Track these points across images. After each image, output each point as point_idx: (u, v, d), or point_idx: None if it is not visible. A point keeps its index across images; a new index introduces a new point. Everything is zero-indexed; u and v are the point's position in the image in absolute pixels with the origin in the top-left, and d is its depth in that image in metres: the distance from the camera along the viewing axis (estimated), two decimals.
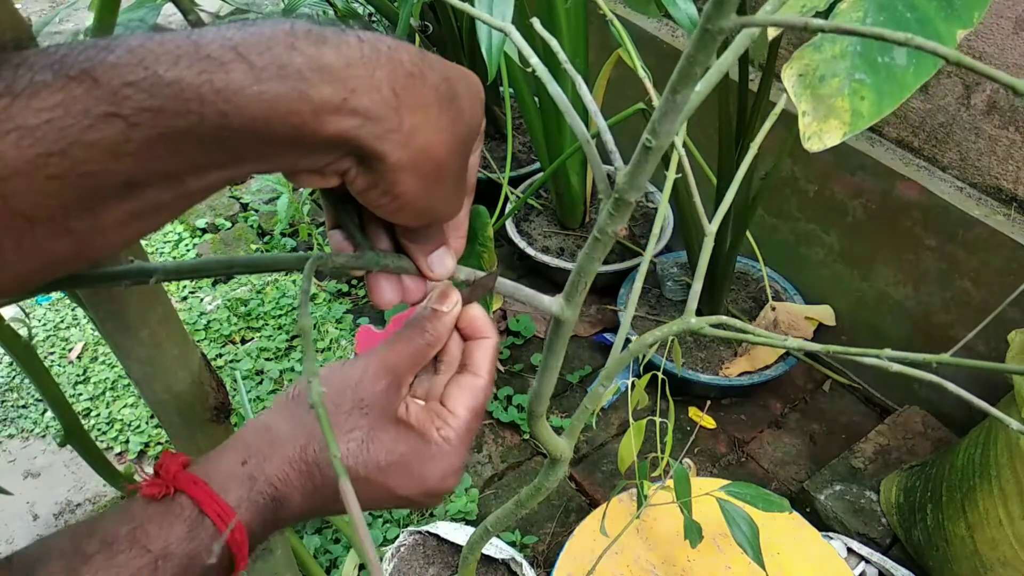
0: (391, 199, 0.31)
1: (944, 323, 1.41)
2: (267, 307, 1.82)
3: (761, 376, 1.49)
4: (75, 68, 0.23)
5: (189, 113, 0.24)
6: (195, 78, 0.24)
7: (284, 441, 0.37)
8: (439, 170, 0.31)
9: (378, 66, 0.28)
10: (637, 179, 0.30)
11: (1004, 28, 1.20)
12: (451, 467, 0.39)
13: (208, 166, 0.26)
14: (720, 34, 0.22)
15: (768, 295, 1.59)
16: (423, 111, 0.29)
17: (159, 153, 0.24)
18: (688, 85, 0.24)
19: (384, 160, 0.29)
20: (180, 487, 0.34)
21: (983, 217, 1.28)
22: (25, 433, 1.60)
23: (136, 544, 0.32)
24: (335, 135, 0.27)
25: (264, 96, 0.25)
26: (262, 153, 0.27)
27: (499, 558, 1.18)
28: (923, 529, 1.21)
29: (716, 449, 1.50)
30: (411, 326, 0.40)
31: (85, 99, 0.23)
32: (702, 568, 1.09)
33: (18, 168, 0.22)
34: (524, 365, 1.65)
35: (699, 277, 0.41)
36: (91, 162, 0.23)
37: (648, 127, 0.27)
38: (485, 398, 0.42)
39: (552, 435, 0.50)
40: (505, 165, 1.61)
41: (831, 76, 0.50)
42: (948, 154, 1.35)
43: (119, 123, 0.23)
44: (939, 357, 0.28)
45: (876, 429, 1.43)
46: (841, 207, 1.48)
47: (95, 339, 1.77)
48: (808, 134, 0.51)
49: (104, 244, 0.26)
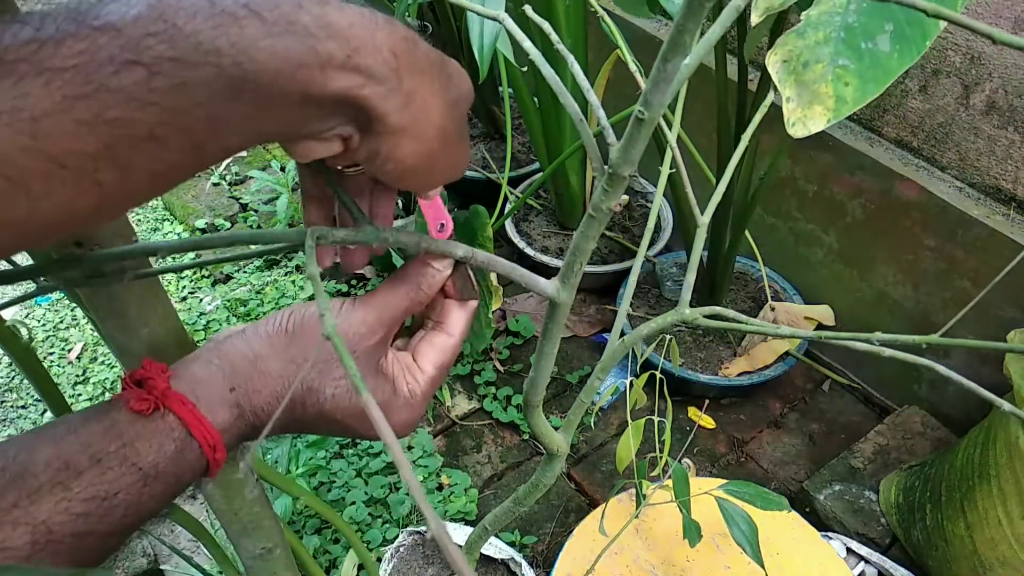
0: (394, 163, 0.32)
1: (943, 323, 1.41)
2: (267, 307, 1.82)
3: (760, 376, 1.49)
4: (99, 20, 0.24)
5: (207, 64, 0.25)
6: (211, 31, 0.25)
7: (274, 377, 0.38)
8: (439, 132, 0.32)
9: (377, 29, 0.29)
10: (630, 152, 0.30)
11: (1003, 28, 1.20)
12: (411, 419, 0.42)
13: (223, 124, 0.27)
14: (708, 0, 0.22)
15: (767, 295, 1.59)
16: (420, 74, 0.30)
17: (180, 104, 0.25)
18: (678, 54, 0.24)
19: (385, 121, 0.30)
20: (169, 406, 0.35)
21: (982, 217, 1.28)
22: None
23: (126, 462, 0.33)
24: (340, 92, 0.28)
25: (275, 49, 0.26)
26: (273, 112, 0.28)
27: (498, 558, 1.18)
28: (922, 529, 1.21)
29: (715, 449, 1.50)
30: (407, 280, 0.42)
31: (109, 47, 0.24)
32: (701, 568, 1.09)
33: (47, 110, 0.23)
34: (524, 365, 1.65)
35: (692, 268, 0.41)
36: (116, 108, 0.24)
37: (640, 99, 0.27)
38: (453, 356, 0.44)
39: (549, 428, 0.50)
40: (504, 165, 1.61)
41: (815, 62, 0.50)
42: (947, 154, 1.35)
43: (141, 71, 0.24)
44: (928, 338, 0.28)
45: (875, 429, 1.43)
46: (840, 207, 1.48)
47: (95, 339, 1.77)
48: (792, 120, 0.51)
49: (127, 200, 0.27)
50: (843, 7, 0.50)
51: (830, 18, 0.50)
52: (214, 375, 0.37)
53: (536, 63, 0.39)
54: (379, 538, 1.34)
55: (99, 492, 0.33)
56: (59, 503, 0.32)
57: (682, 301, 0.39)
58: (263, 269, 1.89)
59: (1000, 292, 1.30)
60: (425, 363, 0.43)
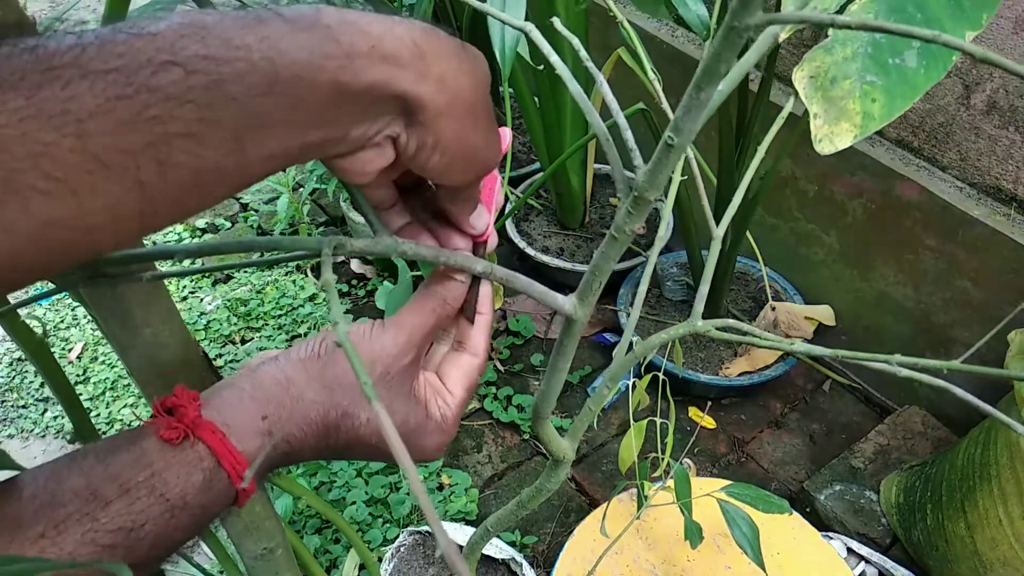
0: (441, 152, 0.33)
1: (944, 323, 1.41)
2: (267, 307, 1.82)
3: (761, 376, 1.49)
4: (135, 28, 0.26)
5: (238, 60, 0.26)
6: (239, 31, 0.27)
7: (306, 404, 0.37)
8: (473, 112, 0.33)
9: (396, 23, 0.30)
10: (657, 177, 0.30)
11: (1004, 28, 1.20)
12: (443, 442, 0.42)
13: (260, 120, 0.28)
14: (746, 31, 0.22)
15: (768, 295, 1.59)
16: (445, 58, 0.31)
17: (215, 100, 0.26)
18: (713, 83, 0.24)
19: (424, 107, 0.31)
20: (199, 435, 0.34)
21: (983, 217, 1.28)
22: (25, 433, 1.60)
23: (154, 492, 0.33)
24: (372, 83, 0.29)
25: (301, 42, 0.28)
26: (310, 109, 0.29)
27: (499, 558, 1.18)
28: (923, 529, 1.21)
29: (716, 449, 1.50)
30: (432, 296, 0.41)
31: (147, 50, 0.25)
32: (702, 568, 1.09)
33: (92, 111, 0.24)
34: (524, 365, 1.65)
35: (706, 279, 0.40)
36: (156, 107, 0.25)
37: (671, 125, 0.27)
38: (480, 376, 0.44)
39: (556, 436, 0.50)
40: (505, 165, 1.61)
41: (842, 78, 0.50)
42: (948, 154, 1.35)
43: (178, 70, 0.26)
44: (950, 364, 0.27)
45: (876, 429, 1.43)
46: (841, 207, 1.48)
47: (95, 339, 1.77)
48: (819, 136, 0.51)
49: (169, 206, 0.28)
50: None
51: (858, 33, 0.50)
52: (245, 403, 0.37)
53: (564, 79, 0.39)
54: (380, 538, 1.34)
55: (126, 523, 0.32)
56: (86, 534, 0.31)
57: (695, 312, 0.39)
58: (263, 269, 1.90)
59: (1000, 292, 1.30)
60: (454, 386, 0.43)
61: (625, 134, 0.37)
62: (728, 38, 0.22)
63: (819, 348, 0.32)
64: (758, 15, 0.21)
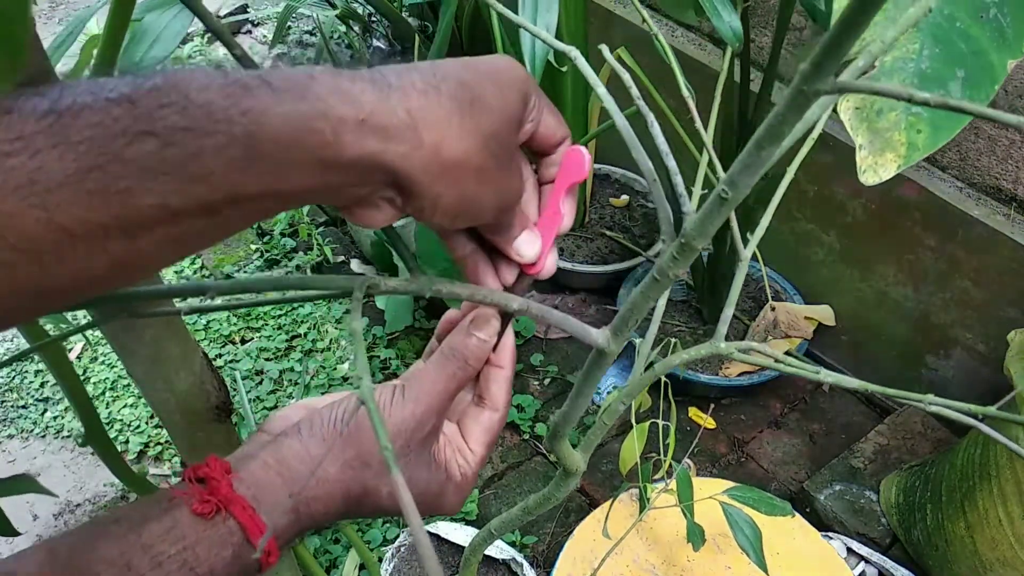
0: (442, 214, 0.32)
1: (944, 323, 1.41)
2: (267, 307, 1.81)
3: (761, 376, 1.49)
4: (115, 92, 0.25)
5: (218, 133, 0.26)
6: (224, 100, 0.26)
7: (331, 482, 0.38)
8: (477, 171, 0.32)
9: (391, 92, 0.29)
10: (707, 227, 0.29)
11: None
12: (462, 500, 0.43)
13: (240, 195, 0.27)
14: (815, 96, 0.21)
15: (768, 295, 1.59)
16: (442, 125, 0.30)
17: (192, 173, 0.26)
18: (776, 143, 0.24)
19: (415, 179, 0.30)
20: (231, 511, 0.35)
21: (983, 217, 1.28)
22: (25, 433, 1.60)
23: (185, 566, 0.33)
24: (359, 156, 0.28)
25: (287, 115, 0.27)
26: (291, 179, 0.28)
27: (500, 558, 1.18)
28: (923, 529, 1.21)
29: (716, 449, 1.50)
30: (452, 358, 0.41)
31: (124, 119, 0.25)
32: (702, 568, 1.09)
33: (61, 182, 0.24)
34: (524, 365, 1.65)
35: (731, 303, 0.40)
36: (128, 178, 0.25)
37: (725, 179, 0.26)
38: (500, 430, 0.44)
39: (570, 451, 0.50)
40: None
41: (888, 110, 0.50)
42: (948, 154, 1.35)
43: (154, 141, 0.25)
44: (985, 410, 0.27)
45: (876, 429, 1.43)
46: (841, 207, 1.48)
47: (95, 339, 1.77)
48: (864, 167, 0.51)
49: (141, 267, 0.27)
50: (916, 53, 0.50)
51: (904, 64, 0.50)
52: (274, 480, 0.37)
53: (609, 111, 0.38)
54: (380, 538, 1.34)
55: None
56: None
57: (718, 334, 0.38)
58: (263, 269, 1.89)
59: (1000, 292, 1.30)
60: (475, 444, 0.43)
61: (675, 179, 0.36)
62: (795, 101, 0.22)
63: (848, 379, 0.32)
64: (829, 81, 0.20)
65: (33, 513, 1.47)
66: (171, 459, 1.56)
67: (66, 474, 1.53)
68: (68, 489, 1.51)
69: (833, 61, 0.20)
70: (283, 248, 1.94)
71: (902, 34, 0.23)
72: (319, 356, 1.70)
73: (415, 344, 1.71)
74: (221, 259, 1.90)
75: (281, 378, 1.67)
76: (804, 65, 0.21)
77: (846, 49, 0.19)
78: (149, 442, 1.57)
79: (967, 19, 0.50)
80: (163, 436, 1.58)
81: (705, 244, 0.30)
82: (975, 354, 1.38)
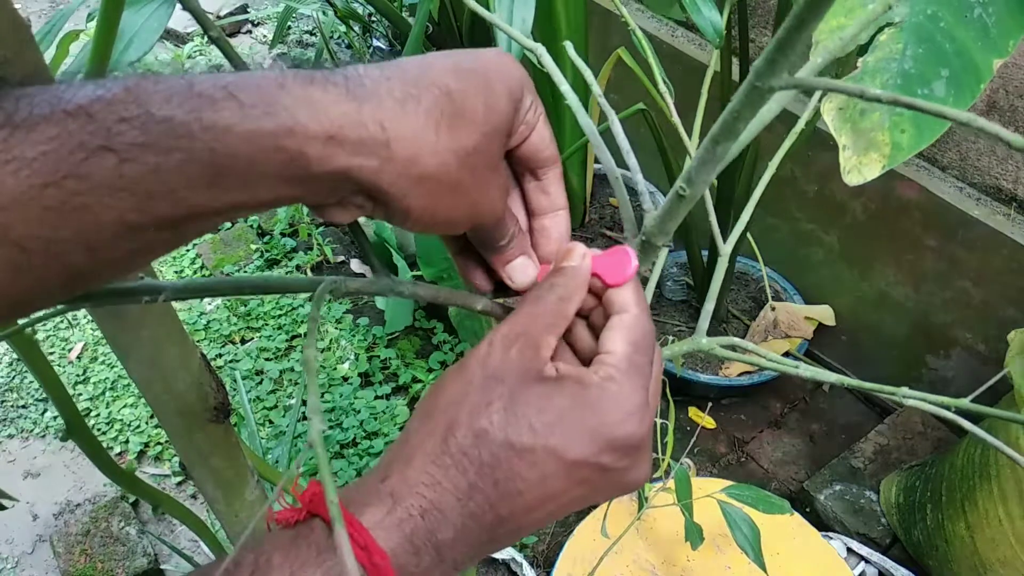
0: (413, 221, 0.31)
1: (944, 323, 1.41)
2: (267, 307, 1.81)
3: (761, 376, 1.49)
4: (72, 104, 0.24)
5: (178, 149, 0.25)
6: (185, 115, 0.25)
7: (422, 440, 0.31)
8: (451, 184, 0.30)
9: (364, 102, 0.28)
10: (667, 224, 0.29)
11: None
12: (626, 406, 0.32)
13: (202, 211, 0.26)
14: (769, 92, 0.21)
15: (768, 295, 1.59)
16: (417, 139, 0.29)
17: (152, 190, 0.25)
18: (731, 138, 0.24)
19: (386, 193, 0.29)
20: (314, 511, 0.30)
21: (983, 217, 1.28)
22: (25, 433, 1.60)
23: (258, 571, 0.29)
24: (329, 172, 0.27)
25: (251, 133, 0.26)
26: (256, 192, 0.27)
27: (499, 558, 1.18)
28: (923, 529, 1.21)
29: (716, 449, 1.50)
30: (539, 285, 0.36)
31: (80, 133, 0.24)
32: (702, 568, 1.09)
33: (15, 198, 0.23)
34: None
35: (711, 297, 0.40)
36: (86, 194, 0.24)
37: (683, 175, 0.26)
38: (644, 331, 0.34)
39: None
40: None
41: (871, 110, 0.50)
42: (948, 154, 1.35)
43: (112, 157, 0.24)
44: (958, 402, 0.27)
45: (876, 429, 1.43)
46: (841, 207, 1.48)
47: (95, 339, 1.77)
48: (848, 168, 0.51)
49: (101, 278, 0.27)
50: (900, 53, 0.50)
51: (887, 64, 0.50)
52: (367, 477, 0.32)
53: (574, 109, 0.38)
54: None
55: None
56: None
57: (699, 330, 0.39)
58: (263, 269, 1.89)
59: (1000, 292, 1.30)
60: (610, 346, 0.33)
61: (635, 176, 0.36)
62: (750, 97, 0.21)
63: (825, 372, 0.32)
64: (783, 78, 0.20)
65: (33, 513, 1.47)
66: (171, 459, 1.56)
67: (66, 474, 1.53)
68: (68, 489, 1.51)
69: (785, 58, 0.20)
70: (283, 248, 1.94)
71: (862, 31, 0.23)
72: (319, 356, 1.70)
73: (415, 344, 1.71)
74: (221, 259, 1.90)
75: (281, 378, 1.67)
76: (758, 62, 0.21)
77: (798, 46, 0.19)
78: (149, 442, 1.57)
79: (951, 19, 0.50)
80: (163, 436, 1.58)
81: (666, 241, 0.30)
82: (975, 354, 1.38)
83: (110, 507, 1.40)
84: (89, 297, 0.32)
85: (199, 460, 0.59)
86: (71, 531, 1.37)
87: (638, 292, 0.35)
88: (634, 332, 0.34)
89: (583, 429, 0.31)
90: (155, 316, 0.50)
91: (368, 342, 1.72)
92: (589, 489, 0.32)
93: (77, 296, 0.33)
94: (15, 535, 1.43)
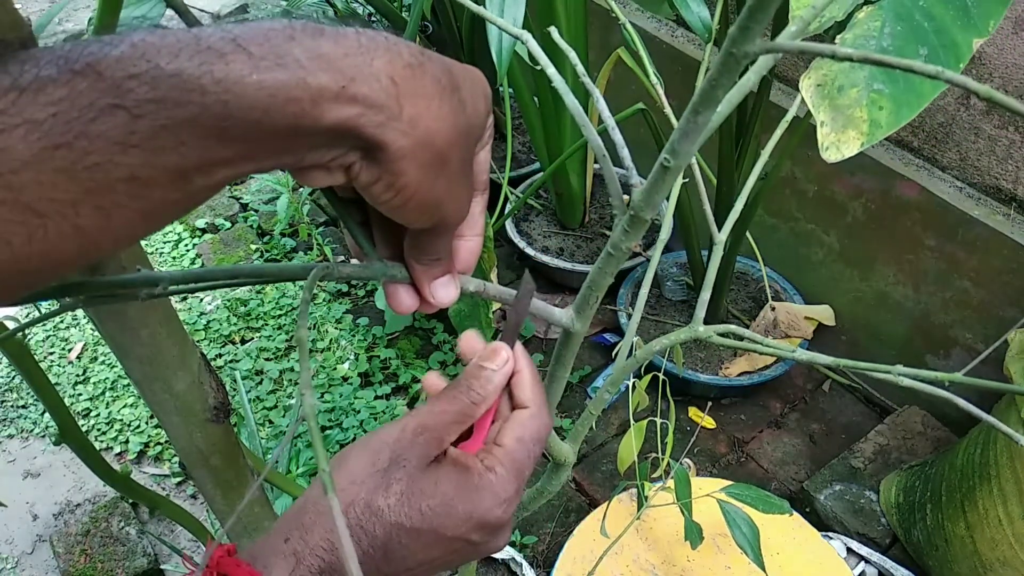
0: (395, 192, 0.30)
1: (944, 323, 1.41)
2: (267, 307, 1.82)
3: (761, 376, 1.49)
4: (80, 63, 0.24)
5: (190, 104, 0.24)
6: (196, 69, 0.24)
7: (324, 511, 0.36)
8: (442, 160, 0.30)
9: (376, 56, 0.28)
10: (653, 197, 0.29)
11: (1004, 28, 1.20)
12: (500, 495, 0.37)
13: (213, 161, 0.26)
14: (744, 58, 0.21)
15: (768, 295, 1.59)
16: (423, 100, 0.29)
17: (164, 145, 0.25)
18: (710, 107, 0.24)
19: (386, 149, 0.29)
20: (223, 571, 0.33)
21: (983, 217, 1.28)
22: (25, 433, 1.60)
23: None
24: (335, 124, 0.27)
25: (263, 84, 0.25)
26: (265, 145, 0.27)
27: (499, 558, 1.18)
28: (923, 529, 1.21)
29: (716, 449, 1.50)
30: (455, 384, 0.39)
31: (90, 92, 0.23)
32: (702, 568, 1.09)
33: (26, 161, 0.23)
34: None
35: (707, 286, 0.40)
36: (97, 153, 0.24)
37: (667, 147, 0.27)
38: (536, 427, 0.40)
39: (557, 441, 0.50)
40: (505, 165, 1.61)
41: (850, 86, 0.50)
42: (948, 154, 1.35)
43: (123, 114, 0.24)
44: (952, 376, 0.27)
45: (876, 429, 1.43)
46: (841, 207, 1.48)
47: (95, 339, 1.77)
48: (826, 144, 0.51)
49: (112, 243, 0.26)
50: (878, 31, 0.50)
51: (865, 42, 0.50)
52: (270, 536, 0.36)
53: (560, 92, 0.38)
54: None
55: None
56: None
57: (695, 318, 0.39)
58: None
59: (1000, 292, 1.30)
60: (501, 439, 0.39)
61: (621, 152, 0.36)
62: (726, 64, 0.22)
63: (821, 356, 0.32)
64: (757, 43, 0.21)
65: (33, 513, 1.47)
66: (171, 459, 1.56)
67: (66, 474, 1.53)
68: (68, 489, 1.51)
69: (758, 24, 0.20)
70: (283, 248, 1.94)
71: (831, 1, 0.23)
72: (319, 356, 1.70)
73: (415, 344, 1.71)
74: (221, 259, 1.90)
75: (281, 378, 1.67)
76: (732, 29, 0.21)
77: (769, 12, 0.20)
78: (149, 442, 1.57)
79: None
80: (163, 436, 1.58)
81: (653, 214, 0.31)
82: (975, 354, 1.38)
83: (110, 507, 1.40)
84: (88, 293, 0.32)
85: (199, 460, 0.59)
86: (71, 531, 1.37)
87: (535, 387, 0.41)
88: (526, 429, 0.39)
89: (461, 513, 0.37)
90: (155, 316, 0.50)
91: (368, 342, 1.72)
92: (458, 556, 0.38)
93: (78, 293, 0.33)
94: (15, 535, 1.43)
